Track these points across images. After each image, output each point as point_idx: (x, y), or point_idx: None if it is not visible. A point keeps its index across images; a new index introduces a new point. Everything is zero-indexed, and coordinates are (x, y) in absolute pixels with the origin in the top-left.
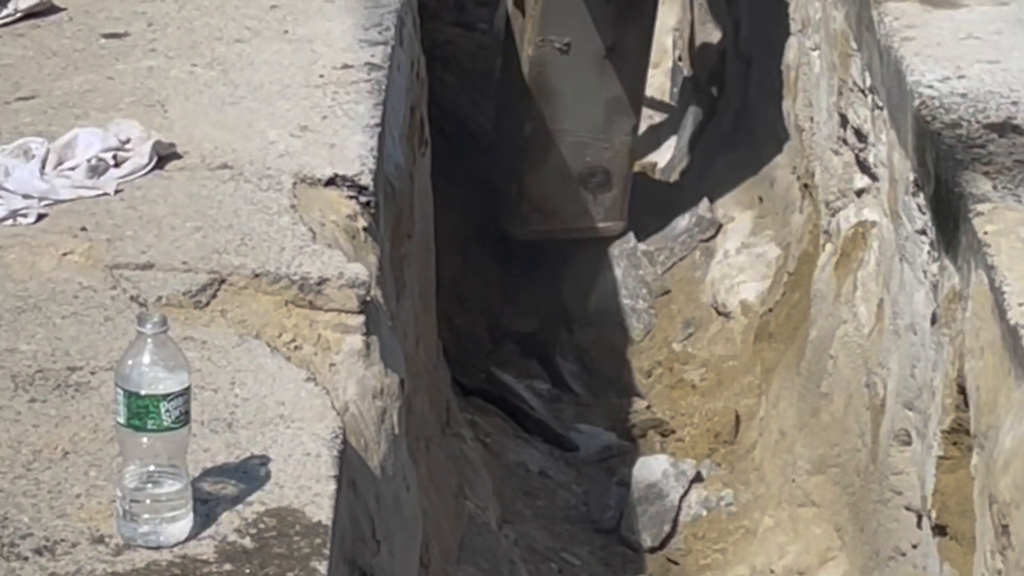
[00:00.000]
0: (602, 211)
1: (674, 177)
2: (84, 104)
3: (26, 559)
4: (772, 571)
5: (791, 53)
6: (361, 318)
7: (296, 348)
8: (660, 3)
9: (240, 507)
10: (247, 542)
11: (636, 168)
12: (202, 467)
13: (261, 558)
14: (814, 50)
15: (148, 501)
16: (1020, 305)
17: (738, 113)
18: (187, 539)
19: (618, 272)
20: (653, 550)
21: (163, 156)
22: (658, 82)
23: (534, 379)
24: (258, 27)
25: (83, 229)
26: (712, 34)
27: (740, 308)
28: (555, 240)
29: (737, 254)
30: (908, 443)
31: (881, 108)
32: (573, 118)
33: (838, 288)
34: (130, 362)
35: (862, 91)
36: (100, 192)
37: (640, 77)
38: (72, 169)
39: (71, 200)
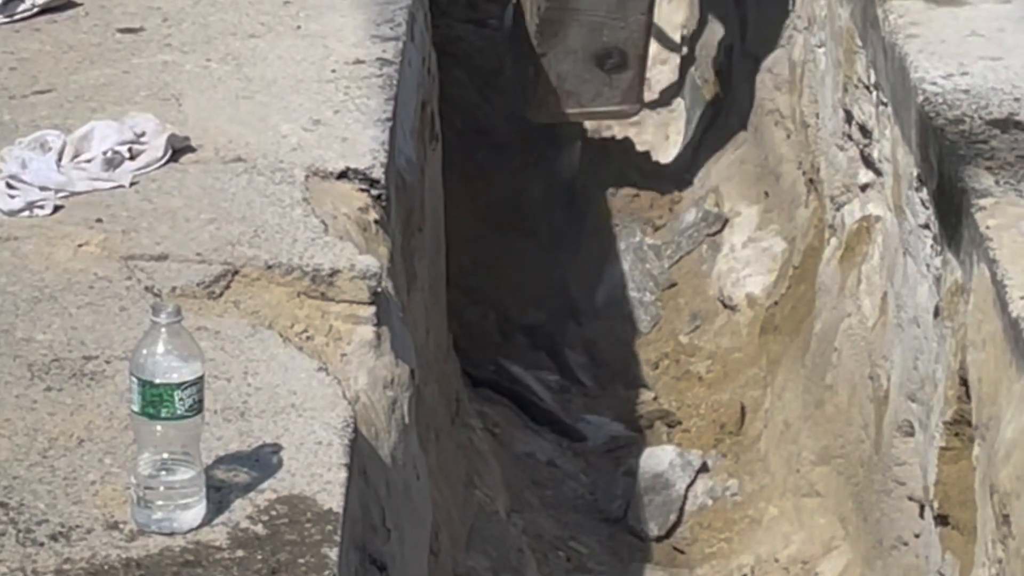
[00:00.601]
0: (618, 93)
1: (681, 172)
2: (100, 98)
3: (42, 544)
4: (777, 560)
5: (797, 50)
6: (372, 309)
7: (308, 338)
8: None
9: (252, 494)
10: (259, 529)
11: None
12: (215, 455)
13: (273, 544)
14: (820, 47)
15: (162, 488)
16: (1021, 298)
17: (744, 109)
18: (200, 525)
19: (625, 265)
20: (659, 539)
21: (178, 149)
22: (665, 78)
23: (543, 371)
24: (272, 23)
25: (99, 220)
26: (719, 31)
27: (746, 301)
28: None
29: (743, 248)
30: (911, 434)
31: (885, 104)
32: None
33: (842, 281)
34: (144, 351)
35: (867, 87)
36: (115, 184)
37: None
38: (88, 161)
39: (87, 192)
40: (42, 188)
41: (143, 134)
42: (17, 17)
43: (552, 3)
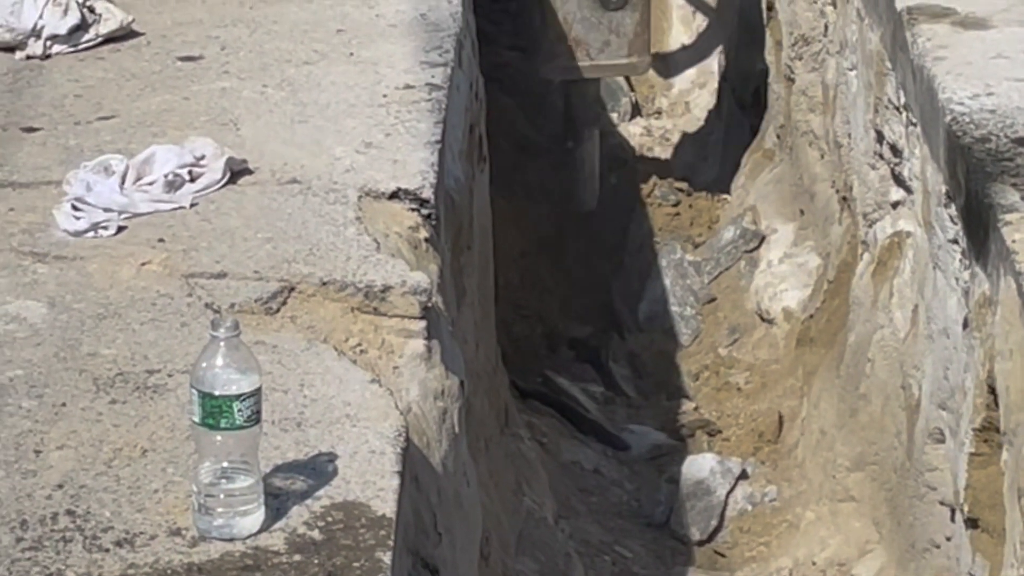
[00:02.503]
0: (625, 43)
1: (720, 191)
2: (161, 123)
3: (107, 551)
4: (814, 563)
5: (829, 73)
6: (423, 323)
7: (362, 352)
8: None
9: (309, 501)
10: (315, 534)
11: (682, 187)
12: (273, 464)
13: (329, 549)
14: (851, 70)
15: (222, 496)
16: None
17: (780, 130)
18: (259, 531)
19: (667, 281)
20: (701, 543)
21: (236, 171)
22: (704, 101)
23: (588, 382)
24: (325, 50)
25: (160, 240)
26: (755, 56)
27: (782, 315)
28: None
29: (780, 264)
30: (942, 441)
31: (915, 124)
32: None
33: (875, 295)
34: (205, 364)
35: (897, 108)
36: (176, 206)
37: None
38: (150, 184)
39: (149, 213)
40: (106, 210)
41: (203, 157)
42: (82, 46)
43: None
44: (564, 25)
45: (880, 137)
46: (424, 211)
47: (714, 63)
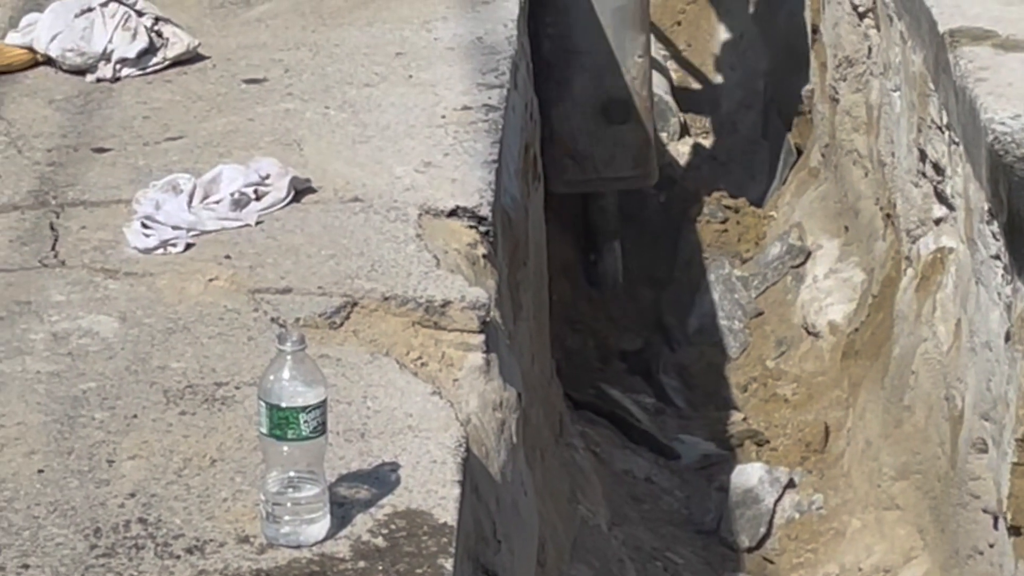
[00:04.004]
0: (630, 156)
1: (767, 209)
2: (227, 143)
3: (178, 557)
4: (860, 569)
5: (873, 94)
6: (481, 337)
7: (423, 365)
8: (747, 49)
9: (373, 510)
10: (379, 541)
11: (730, 204)
12: (338, 473)
13: (392, 556)
14: (895, 91)
15: (289, 504)
16: None
17: (825, 149)
18: (325, 539)
19: (715, 296)
20: (750, 550)
21: (299, 190)
22: (750, 121)
23: (639, 394)
24: (385, 72)
25: (227, 257)
26: (800, 77)
27: (828, 328)
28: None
29: (825, 279)
30: (984, 451)
31: (957, 143)
32: (583, 32)
33: (919, 309)
34: (271, 377)
35: (939, 128)
36: (242, 223)
37: None
38: (217, 202)
39: (216, 231)
40: (175, 227)
41: (267, 176)
42: (150, 70)
43: (555, 44)
44: (569, 140)
45: (923, 156)
46: (482, 228)
47: (760, 85)
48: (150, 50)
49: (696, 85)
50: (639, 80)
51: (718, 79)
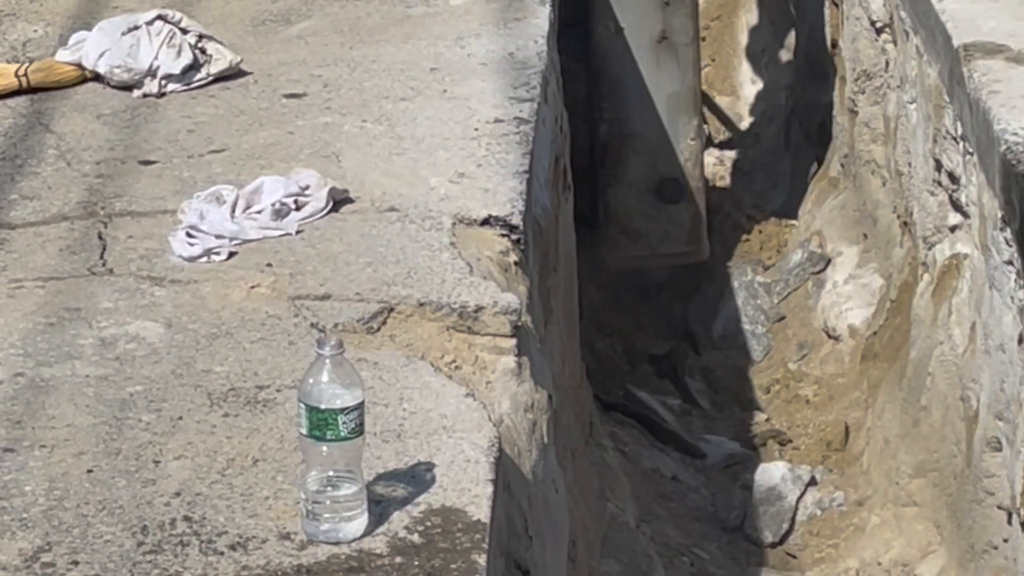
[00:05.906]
0: (684, 234)
1: (788, 217)
2: (268, 156)
3: (222, 553)
4: (879, 563)
5: (891, 106)
6: (514, 341)
7: (457, 368)
8: (769, 64)
9: (409, 507)
10: (415, 538)
11: (753, 213)
12: (375, 472)
13: (428, 552)
14: (911, 103)
15: (328, 502)
16: None
17: (844, 160)
18: (363, 536)
19: (739, 301)
20: (774, 545)
21: (338, 201)
22: (772, 132)
23: (666, 396)
24: (420, 87)
25: (269, 265)
26: (820, 90)
27: (848, 332)
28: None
29: (845, 284)
30: (999, 449)
31: (971, 153)
32: (638, 117)
33: (935, 313)
34: (311, 380)
35: (954, 139)
36: (283, 232)
37: (694, 71)
38: (259, 212)
39: (258, 240)
40: (218, 236)
41: (307, 187)
42: (194, 85)
43: (611, 128)
44: (625, 219)
45: (939, 165)
46: (513, 236)
47: (781, 97)
48: (194, 66)
49: (720, 99)
50: (691, 161)
51: (741, 93)
